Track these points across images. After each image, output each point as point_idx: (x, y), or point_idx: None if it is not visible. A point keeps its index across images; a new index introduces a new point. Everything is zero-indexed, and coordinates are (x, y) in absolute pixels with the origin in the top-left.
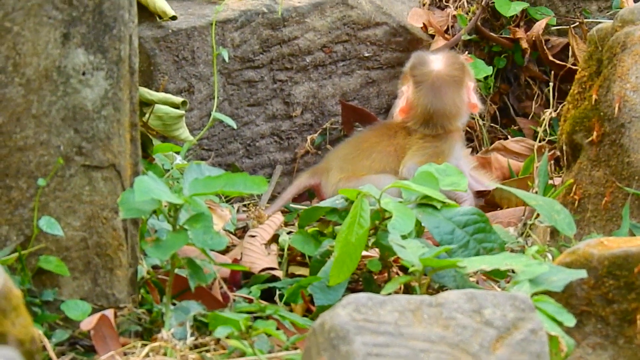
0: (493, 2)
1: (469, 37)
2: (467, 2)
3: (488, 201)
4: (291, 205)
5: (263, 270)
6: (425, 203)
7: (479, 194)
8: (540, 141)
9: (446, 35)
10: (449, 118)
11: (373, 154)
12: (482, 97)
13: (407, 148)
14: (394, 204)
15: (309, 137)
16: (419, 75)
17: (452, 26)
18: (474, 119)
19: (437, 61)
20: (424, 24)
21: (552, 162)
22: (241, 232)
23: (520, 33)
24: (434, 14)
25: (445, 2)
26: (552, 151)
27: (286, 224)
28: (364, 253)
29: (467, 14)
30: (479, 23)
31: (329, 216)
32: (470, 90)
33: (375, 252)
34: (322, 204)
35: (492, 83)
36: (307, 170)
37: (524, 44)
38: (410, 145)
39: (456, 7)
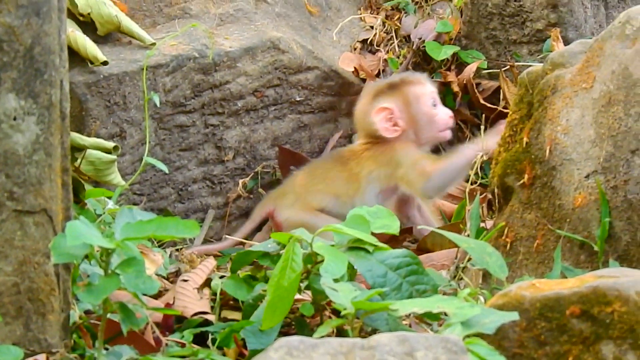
0: (424, 46)
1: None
2: (398, 46)
3: (420, 246)
4: (225, 235)
5: (195, 314)
6: (358, 246)
7: (405, 231)
8: (472, 184)
9: (377, 79)
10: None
11: (326, 179)
12: None
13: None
14: (325, 247)
15: (240, 181)
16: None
17: (384, 70)
18: None
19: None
20: (355, 68)
21: (485, 205)
22: (174, 276)
23: (451, 77)
24: (365, 58)
25: (377, 46)
26: (484, 194)
27: (219, 268)
28: (297, 296)
29: (398, 57)
30: (410, 67)
31: (262, 260)
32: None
33: (307, 296)
34: (254, 248)
35: None
36: (264, 198)
37: (455, 88)
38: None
39: (387, 51)
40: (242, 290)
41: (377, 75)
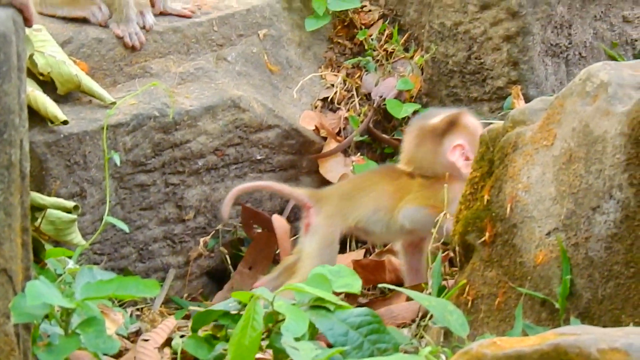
0: (385, 104)
1: (361, 139)
2: (359, 104)
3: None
4: (190, 308)
5: None
6: (319, 305)
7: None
8: (434, 242)
9: (338, 138)
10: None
11: (371, 193)
12: None
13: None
14: (287, 306)
15: (202, 240)
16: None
17: (344, 128)
18: None
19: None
20: (316, 126)
21: (447, 262)
22: (134, 335)
23: None
24: (325, 117)
25: (337, 104)
26: (446, 252)
27: (179, 328)
28: (258, 355)
29: (359, 115)
30: (370, 125)
31: (222, 320)
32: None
33: (269, 355)
34: (215, 307)
35: None
36: (307, 189)
37: None
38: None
39: (348, 109)
40: (202, 350)
41: (338, 133)
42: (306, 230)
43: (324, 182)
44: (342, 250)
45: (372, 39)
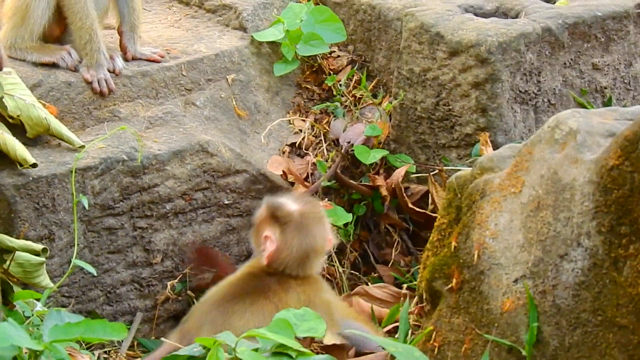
0: (352, 150)
1: (328, 184)
2: (326, 149)
3: None
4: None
5: None
6: (281, 352)
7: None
8: (401, 288)
9: (306, 183)
10: (319, 254)
11: (246, 314)
12: (342, 244)
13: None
14: (249, 352)
15: (169, 284)
16: (284, 218)
17: (312, 174)
18: (334, 265)
19: (295, 202)
20: (283, 171)
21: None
22: None
23: (380, 181)
24: (293, 162)
25: (305, 149)
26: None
27: None
28: None
29: (327, 161)
30: (338, 170)
31: None
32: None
33: None
34: (181, 352)
35: (352, 230)
36: (175, 330)
37: (384, 192)
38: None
39: (316, 155)
40: None
41: (306, 179)
42: None
43: None
44: None
45: (340, 85)
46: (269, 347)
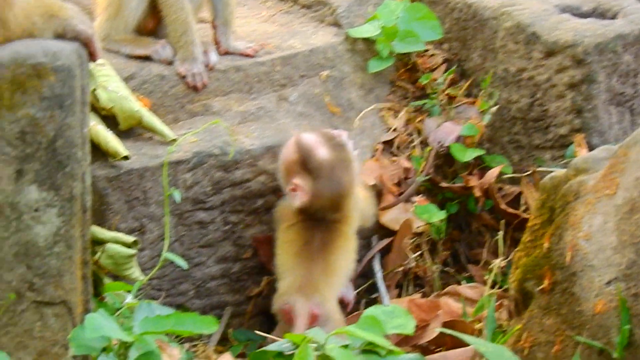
0: (445, 150)
1: (422, 179)
2: (420, 147)
3: None
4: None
5: None
6: (370, 349)
7: None
8: (491, 287)
9: (396, 190)
10: (350, 197)
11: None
12: (434, 242)
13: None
14: (338, 350)
15: (265, 278)
16: (315, 169)
17: (406, 178)
18: (425, 263)
19: (325, 146)
20: (376, 180)
21: (502, 309)
22: None
23: (473, 181)
24: (385, 165)
25: (398, 148)
26: (501, 299)
27: None
28: None
29: (420, 159)
30: (432, 170)
31: None
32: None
33: None
34: (269, 347)
35: (444, 228)
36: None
37: (477, 192)
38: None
39: (408, 156)
40: None
41: (398, 183)
42: None
43: (384, 230)
44: (399, 293)
45: (436, 83)
46: (358, 345)
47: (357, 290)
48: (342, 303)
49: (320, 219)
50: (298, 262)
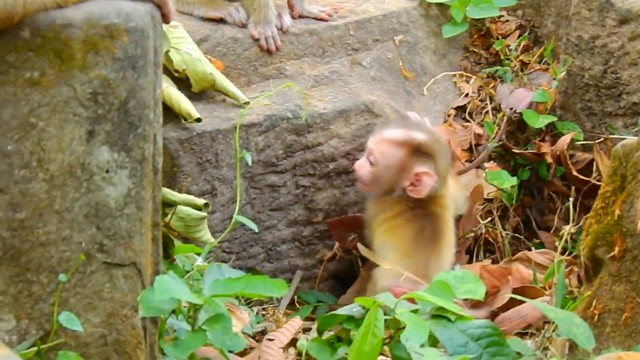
0: (517, 115)
1: (494, 145)
2: (492, 113)
3: None
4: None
5: None
6: (440, 314)
7: None
8: (561, 254)
9: (465, 155)
10: None
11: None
12: (505, 208)
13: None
14: (408, 315)
15: (337, 243)
16: (431, 151)
17: (477, 144)
18: (496, 229)
19: (419, 131)
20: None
21: (571, 276)
22: (259, 335)
23: (545, 148)
24: (456, 133)
25: (470, 113)
26: (570, 266)
27: (304, 331)
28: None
29: (492, 124)
30: (504, 136)
31: (346, 324)
32: None
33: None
34: (339, 311)
35: (515, 195)
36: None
37: (549, 159)
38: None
39: (480, 122)
40: (325, 353)
41: (469, 149)
42: None
43: None
44: (470, 259)
45: (510, 49)
46: (428, 310)
47: None
48: None
49: (421, 207)
50: (416, 250)
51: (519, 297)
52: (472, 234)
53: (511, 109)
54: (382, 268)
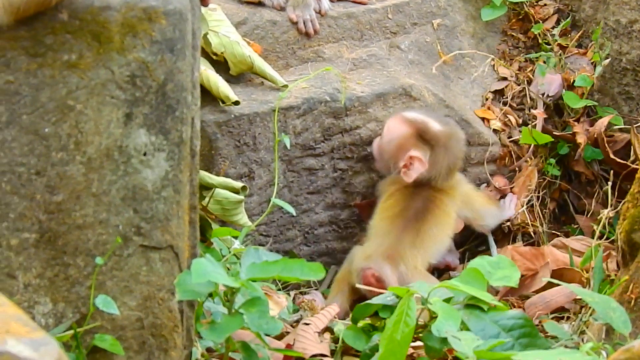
0: (555, 99)
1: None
2: (530, 97)
3: None
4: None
5: (314, 356)
6: (473, 304)
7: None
8: (598, 239)
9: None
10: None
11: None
12: (543, 195)
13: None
14: (440, 304)
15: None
16: (433, 140)
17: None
18: (533, 213)
19: (436, 121)
20: (485, 118)
21: (609, 260)
22: (295, 324)
23: (577, 127)
24: (495, 109)
25: (508, 97)
26: (608, 250)
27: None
28: (411, 350)
29: (530, 109)
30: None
31: (381, 312)
32: None
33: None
34: (374, 300)
35: (557, 170)
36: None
37: (580, 139)
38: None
39: (519, 103)
40: (360, 341)
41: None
42: None
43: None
44: (505, 242)
45: (548, 34)
46: (461, 299)
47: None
48: (449, 268)
49: (419, 190)
50: (390, 229)
51: (555, 281)
52: (509, 222)
53: (543, 94)
54: (358, 247)
